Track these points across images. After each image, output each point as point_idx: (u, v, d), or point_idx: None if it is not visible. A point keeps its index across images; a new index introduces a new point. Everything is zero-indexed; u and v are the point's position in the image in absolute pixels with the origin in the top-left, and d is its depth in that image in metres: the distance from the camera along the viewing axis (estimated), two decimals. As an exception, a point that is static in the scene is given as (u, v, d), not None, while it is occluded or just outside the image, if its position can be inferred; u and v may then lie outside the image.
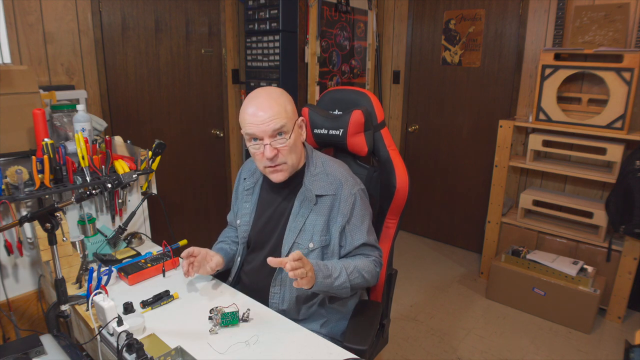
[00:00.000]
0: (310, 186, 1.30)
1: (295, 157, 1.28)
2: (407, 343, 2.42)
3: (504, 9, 3.08)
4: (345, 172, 1.35)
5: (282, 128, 1.22)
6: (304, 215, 1.30)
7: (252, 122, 1.22)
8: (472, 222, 3.50)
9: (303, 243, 1.29)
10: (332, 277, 1.20)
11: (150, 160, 1.66)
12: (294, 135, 1.25)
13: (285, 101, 1.25)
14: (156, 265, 1.43)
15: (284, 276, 1.31)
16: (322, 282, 1.18)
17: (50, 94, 1.88)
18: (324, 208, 1.29)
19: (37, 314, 1.53)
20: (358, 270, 1.27)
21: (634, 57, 2.35)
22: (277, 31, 2.81)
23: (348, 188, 1.30)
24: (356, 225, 1.30)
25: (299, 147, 1.30)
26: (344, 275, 1.23)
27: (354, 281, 1.26)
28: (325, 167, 1.35)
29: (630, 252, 2.47)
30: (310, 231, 1.29)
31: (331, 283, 1.21)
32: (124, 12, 2.48)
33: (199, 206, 3.11)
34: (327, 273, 1.19)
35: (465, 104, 3.39)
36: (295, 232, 1.30)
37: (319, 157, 1.38)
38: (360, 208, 1.31)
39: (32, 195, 1.39)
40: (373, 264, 1.33)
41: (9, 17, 2.01)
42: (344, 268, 1.24)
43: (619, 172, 2.45)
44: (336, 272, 1.22)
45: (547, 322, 2.62)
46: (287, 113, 1.24)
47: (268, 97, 1.23)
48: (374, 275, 1.33)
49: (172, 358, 1.03)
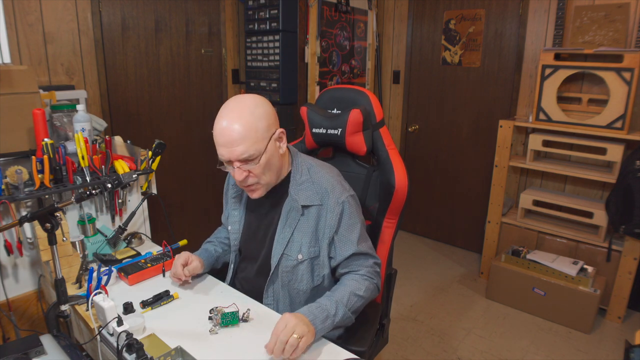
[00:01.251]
0: (295, 196, 1.24)
1: (270, 175, 1.22)
2: (407, 343, 2.42)
3: (504, 9, 3.08)
4: (333, 179, 1.27)
5: (249, 157, 1.14)
6: (292, 226, 1.25)
7: (219, 143, 1.15)
8: (472, 222, 3.50)
9: (292, 254, 1.25)
10: (330, 316, 1.13)
11: (150, 160, 1.66)
12: (266, 155, 1.17)
13: (256, 119, 1.14)
14: (156, 265, 1.43)
15: (275, 287, 1.29)
16: (322, 328, 1.11)
17: (50, 94, 1.88)
18: (311, 218, 1.24)
19: (37, 314, 1.53)
20: (354, 295, 1.20)
21: (634, 57, 2.34)
22: (277, 31, 2.81)
23: (335, 197, 1.23)
24: (344, 235, 1.24)
25: (276, 163, 1.22)
26: (341, 309, 1.16)
27: (353, 307, 1.20)
28: (312, 174, 1.28)
29: (630, 252, 2.47)
30: (299, 242, 1.25)
31: (332, 323, 1.14)
32: (124, 12, 2.48)
33: (199, 206, 3.11)
34: (324, 315, 1.12)
35: (465, 104, 3.39)
36: (282, 244, 1.26)
37: (305, 162, 1.31)
38: (349, 217, 1.25)
39: (32, 195, 1.39)
40: (366, 279, 1.25)
41: (9, 17, 2.01)
42: (339, 302, 1.17)
43: (619, 172, 2.45)
44: (332, 309, 1.14)
45: (547, 322, 2.62)
46: (258, 134, 1.14)
47: (238, 117, 1.13)
48: (372, 289, 1.26)
49: (172, 358, 1.03)
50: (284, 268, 1.27)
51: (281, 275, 1.28)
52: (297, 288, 1.28)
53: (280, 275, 1.28)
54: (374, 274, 1.28)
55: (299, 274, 1.27)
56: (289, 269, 1.26)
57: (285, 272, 1.27)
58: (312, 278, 1.28)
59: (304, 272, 1.27)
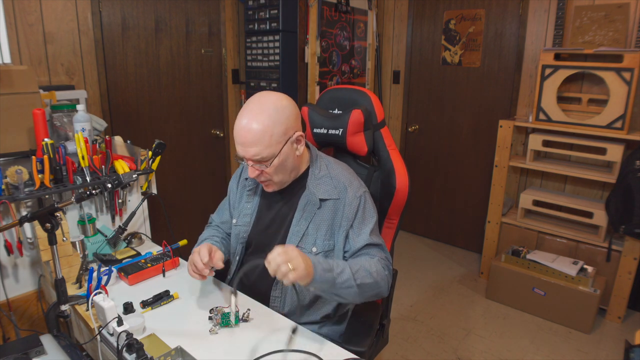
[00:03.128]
0: (314, 189, 1.28)
1: (283, 174, 1.25)
2: (407, 343, 2.42)
3: (504, 9, 3.08)
4: (350, 176, 1.32)
5: (262, 158, 1.17)
6: (307, 219, 1.28)
7: (236, 140, 1.19)
8: (472, 222, 3.50)
9: (306, 247, 1.27)
10: (333, 271, 1.12)
11: (150, 160, 1.66)
12: (279, 158, 1.19)
13: (274, 123, 1.16)
14: (156, 265, 1.43)
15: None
16: (322, 276, 1.09)
17: (50, 94, 1.88)
18: (327, 212, 1.27)
19: (37, 314, 1.53)
20: (365, 269, 1.18)
21: (634, 57, 2.34)
22: (277, 31, 2.81)
23: (353, 191, 1.27)
24: (359, 228, 1.27)
25: (290, 164, 1.25)
26: (347, 272, 1.14)
27: (361, 280, 1.16)
28: (330, 170, 1.32)
29: (630, 252, 2.47)
30: (314, 235, 1.27)
31: (333, 278, 1.11)
32: (124, 12, 2.48)
33: (199, 206, 3.10)
34: (327, 267, 1.11)
35: (465, 104, 3.39)
36: (298, 236, 1.28)
37: (323, 159, 1.35)
38: (364, 211, 1.28)
39: (32, 195, 1.39)
40: (380, 264, 1.24)
41: (9, 17, 2.01)
42: (347, 265, 1.16)
43: (619, 172, 2.45)
44: (339, 267, 1.14)
45: (547, 322, 2.62)
46: (272, 139, 1.16)
47: (255, 119, 1.16)
48: (383, 277, 1.23)
49: (172, 358, 1.03)
50: None
51: None
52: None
53: None
54: (388, 266, 1.28)
55: None
56: None
57: None
58: None
59: None
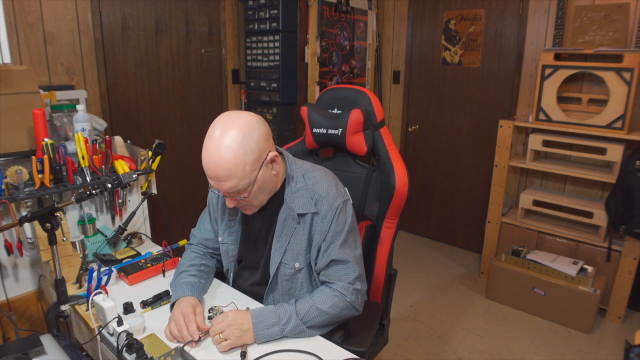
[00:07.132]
0: (291, 204, 1.21)
1: (263, 196, 1.19)
2: (407, 343, 2.42)
3: (504, 9, 3.08)
4: (327, 184, 1.23)
5: (238, 191, 1.11)
6: (288, 235, 1.23)
7: (207, 174, 1.11)
8: (472, 222, 3.50)
9: (289, 263, 1.24)
10: (279, 324, 1.10)
11: (150, 160, 1.66)
12: (257, 184, 1.13)
13: (245, 153, 1.08)
14: (156, 265, 1.43)
15: (275, 295, 1.29)
16: (265, 334, 1.08)
17: (50, 94, 1.88)
18: (306, 226, 1.22)
19: (37, 314, 1.53)
20: (316, 308, 1.14)
21: (634, 57, 2.34)
22: (277, 31, 2.81)
23: (328, 203, 1.20)
24: (330, 241, 1.20)
25: (268, 185, 1.18)
26: (293, 319, 1.11)
27: (312, 322, 1.13)
28: (307, 180, 1.24)
29: (630, 252, 2.47)
30: (296, 250, 1.23)
31: (280, 331, 1.10)
32: (124, 12, 2.48)
33: (199, 206, 3.09)
34: (272, 322, 1.10)
35: (465, 104, 3.39)
36: (280, 253, 1.24)
37: (299, 168, 1.26)
38: (337, 223, 1.20)
39: (32, 195, 1.39)
40: (336, 296, 1.18)
41: (9, 17, 2.01)
42: (294, 311, 1.12)
43: (619, 172, 2.45)
44: (285, 317, 1.11)
45: (547, 322, 2.62)
46: (246, 169, 1.08)
47: (224, 154, 1.06)
48: (342, 308, 1.18)
49: (172, 358, 1.03)
50: (283, 276, 1.26)
51: (281, 284, 1.27)
52: (297, 295, 1.27)
53: (280, 283, 1.27)
54: (350, 292, 1.20)
55: (298, 281, 1.26)
56: (288, 277, 1.25)
57: (285, 280, 1.26)
58: (311, 285, 1.28)
59: (303, 280, 1.26)
